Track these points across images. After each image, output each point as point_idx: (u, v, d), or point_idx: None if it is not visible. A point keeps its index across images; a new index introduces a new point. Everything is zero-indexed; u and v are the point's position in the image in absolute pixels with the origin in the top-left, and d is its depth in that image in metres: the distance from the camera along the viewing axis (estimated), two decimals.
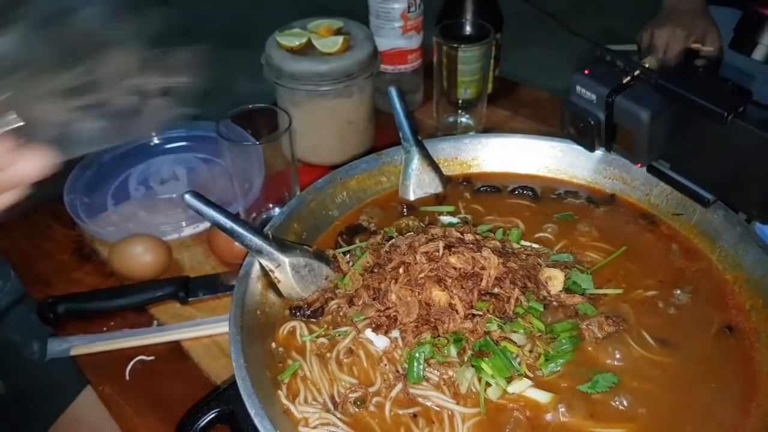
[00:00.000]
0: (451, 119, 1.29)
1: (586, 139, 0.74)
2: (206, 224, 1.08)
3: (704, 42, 1.39)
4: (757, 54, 1.31)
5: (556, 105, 1.38)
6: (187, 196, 0.72)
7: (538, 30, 3.61)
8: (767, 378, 0.62)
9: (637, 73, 0.68)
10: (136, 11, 0.64)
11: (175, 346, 0.92)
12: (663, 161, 0.72)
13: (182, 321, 0.96)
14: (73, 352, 0.91)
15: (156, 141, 1.27)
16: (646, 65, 0.70)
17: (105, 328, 0.95)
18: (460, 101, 1.26)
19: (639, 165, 0.71)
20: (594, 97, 0.70)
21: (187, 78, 0.61)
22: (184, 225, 1.09)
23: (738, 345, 0.66)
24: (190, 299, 0.97)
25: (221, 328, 0.93)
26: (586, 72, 0.71)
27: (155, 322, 0.96)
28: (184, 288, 0.97)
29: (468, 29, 1.25)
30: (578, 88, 0.72)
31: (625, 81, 0.68)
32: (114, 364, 0.90)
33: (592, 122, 0.71)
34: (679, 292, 0.71)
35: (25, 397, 1.09)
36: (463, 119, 1.29)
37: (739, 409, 0.60)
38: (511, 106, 1.38)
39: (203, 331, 0.94)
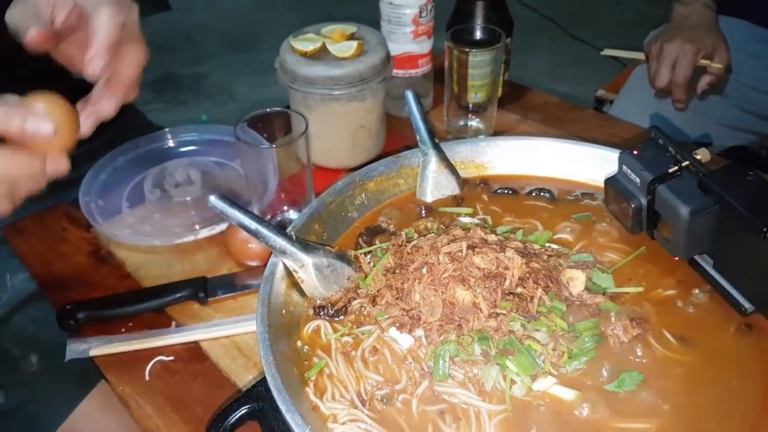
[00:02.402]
0: (461, 123, 1.30)
1: (627, 219, 0.71)
2: (222, 226, 1.09)
3: (713, 57, 1.40)
4: None
5: (564, 110, 1.40)
6: (213, 198, 0.73)
7: (539, 36, 3.64)
8: None
9: (685, 164, 0.65)
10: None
11: (194, 347, 0.93)
12: (707, 256, 0.70)
13: (200, 322, 0.96)
14: (92, 353, 0.92)
15: (170, 144, 1.28)
16: (698, 157, 0.67)
17: (123, 330, 0.95)
18: (470, 105, 1.27)
19: (677, 258, 0.68)
20: (638, 180, 0.67)
21: None
22: (198, 228, 1.10)
23: (757, 342, 0.67)
24: (209, 299, 0.97)
25: (239, 328, 0.94)
26: (635, 153, 0.69)
27: (173, 323, 0.97)
28: (203, 288, 0.97)
29: (478, 34, 1.26)
30: (624, 167, 0.69)
31: (671, 170, 0.65)
32: (133, 365, 0.91)
33: (633, 205, 0.69)
34: (697, 291, 0.72)
35: (23, 408, 1.08)
36: (474, 123, 1.30)
37: (761, 405, 0.61)
38: (520, 110, 1.39)
39: (222, 331, 0.94)
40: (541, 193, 0.88)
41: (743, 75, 1.51)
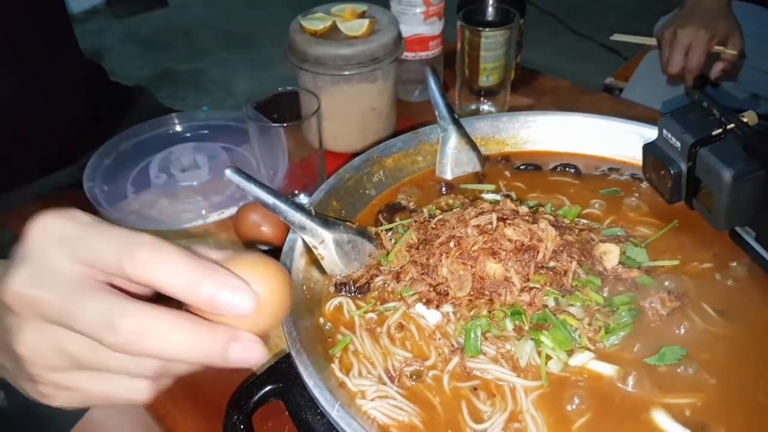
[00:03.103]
0: (473, 107, 1.27)
1: (666, 187, 0.67)
2: (231, 211, 1.06)
3: (727, 44, 1.38)
4: None
5: (577, 94, 1.38)
6: (228, 171, 0.70)
7: (540, 31, 3.61)
8: None
9: (731, 126, 0.62)
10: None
11: None
12: (749, 228, 0.66)
13: None
14: None
15: (177, 129, 1.25)
16: (745, 119, 0.63)
17: None
18: (482, 89, 1.24)
19: (718, 230, 0.65)
20: (679, 144, 0.64)
21: None
22: (204, 213, 1.06)
23: None
24: None
25: None
26: (677, 115, 0.65)
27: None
28: None
29: (491, 14, 1.24)
30: (664, 131, 0.66)
31: (715, 133, 0.62)
32: None
33: (673, 171, 0.65)
34: (735, 264, 0.69)
35: (29, 413, 1.04)
36: (485, 107, 1.27)
37: None
38: (532, 95, 1.37)
39: None
40: (567, 169, 0.85)
41: (755, 60, 1.49)
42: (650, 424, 0.55)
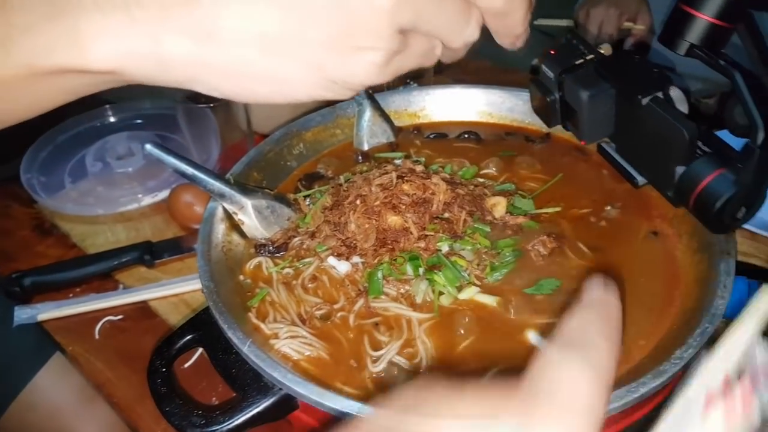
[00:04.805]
0: (400, 89, 1.35)
1: (547, 114, 0.76)
2: (164, 193, 1.11)
3: (636, 20, 1.49)
4: (680, 49, 1.41)
5: (499, 73, 1.46)
6: (149, 146, 0.75)
7: None
8: (687, 271, 0.70)
9: (590, 57, 0.71)
10: None
11: (143, 306, 0.94)
12: (611, 142, 0.75)
13: (148, 284, 0.98)
14: (40, 318, 0.93)
15: (111, 120, 1.29)
16: (601, 51, 0.72)
17: (71, 295, 0.96)
18: (408, 72, 1.31)
19: (583, 142, 0.74)
20: (552, 75, 0.72)
21: None
22: (141, 196, 1.11)
23: (662, 246, 0.74)
24: (155, 261, 0.99)
25: (188, 286, 0.96)
26: (552, 52, 0.73)
27: (121, 287, 0.98)
28: (149, 251, 0.99)
29: None
30: (543, 66, 0.74)
31: (577, 62, 0.71)
32: (83, 326, 0.92)
33: (549, 99, 0.74)
34: (609, 207, 0.79)
35: None
36: None
37: (666, 296, 0.68)
38: (455, 75, 1.45)
39: (170, 290, 0.96)
40: (469, 136, 0.94)
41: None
42: (523, 341, 0.64)
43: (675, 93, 0.65)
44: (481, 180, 0.84)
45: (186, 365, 0.82)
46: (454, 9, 0.36)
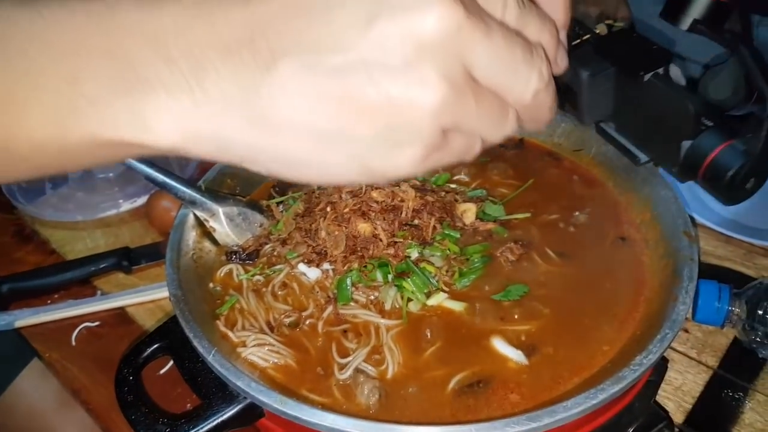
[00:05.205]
0: None
1: None
2: (143, 199, 1.11)
3: (616, 17, 1.50)
4: (684, 25, 1.42)
5: None
6: None
7: None
8: (653, 277, 0.71)
9: (586, 37, 0.70)
10: None
11: (120, 313, 0.95)
12: (611, 123, 0.73)
13: (126, 290, 0.98)
14: (18, 324, 0.93)
15: None
16: (597, 31, 0.72)
17: (49, 302, 0.96)
18: None
19: (585, 123, 0.74)
20: None
21: None
22: (121, 202, 1.11)
23: (630, 251, 0.75)
24: (133, 267, 0.99)
25: (164, 292, 0.95)
26: None
27: (99, 293, 0.98)
28: (126, 257, 0.99)
29: None
30: None
31: (574, 43, 0.70)
32: (60, 333, 0.92)
33: None
34: (578, 213, 0.80)
35: None
36: None
37: (630, 302, 0.69)
38: None
39: (147, 296, 0.96)
40: None
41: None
42: (489, 347, 0.64)
43: (674, 71, 0.65)
44: (452, 186, 0.85)
45: (162, 371, 0.82)
46: (493, 109, 0.38)
